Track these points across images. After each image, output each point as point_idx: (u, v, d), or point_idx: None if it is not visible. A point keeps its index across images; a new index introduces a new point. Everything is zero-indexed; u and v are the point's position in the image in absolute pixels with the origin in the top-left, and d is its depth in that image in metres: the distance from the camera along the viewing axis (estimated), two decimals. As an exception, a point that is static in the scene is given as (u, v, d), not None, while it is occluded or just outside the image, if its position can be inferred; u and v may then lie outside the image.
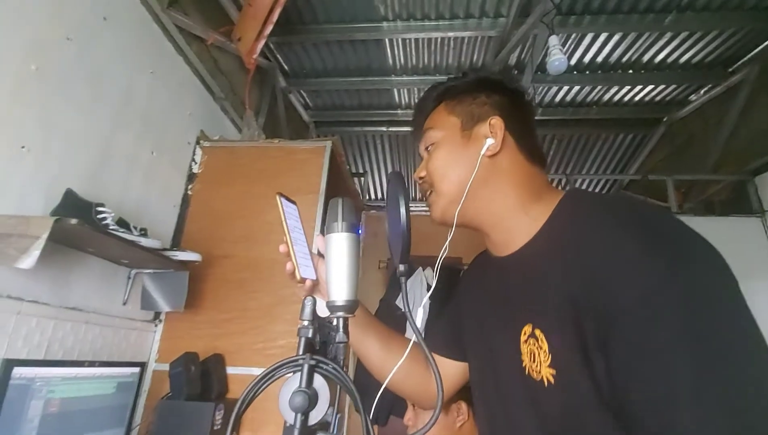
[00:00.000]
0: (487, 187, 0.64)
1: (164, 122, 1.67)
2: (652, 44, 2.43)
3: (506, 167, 0.64)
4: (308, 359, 0.53)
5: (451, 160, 0.65)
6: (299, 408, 0.49)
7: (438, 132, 0.68)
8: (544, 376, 0.53)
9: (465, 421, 1.06)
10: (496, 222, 0.65)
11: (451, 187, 0.64)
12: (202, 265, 1.60)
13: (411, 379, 0.79)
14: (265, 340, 1.54)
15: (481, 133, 0.64)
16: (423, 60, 2.72)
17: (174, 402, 1.26)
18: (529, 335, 0.56)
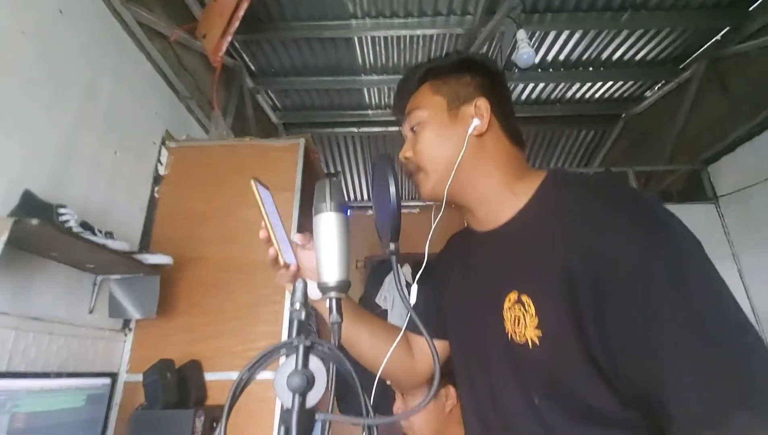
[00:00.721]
0: (474, 166, 0.65)
1: (128, 122, 1.59)
2: (610, 42, 2.55)
3: (491, 147, 0.66)
4: (303, 340, 0.51)
5: (439, 139, 0.66)
6: (297, 389, 0.47)
7: (424, 111, 0.68)
8: (529, 338, 0.54)
9: (454, 405, 1.07)
10: (482, 198, 0.66)
11: (439, 165, 0.65)
12: (174, 269, 1.53)
13: (397, 363, 0.79)
14: (245, 342, 1.49)
15: (468, 114, 0.66)
16: (392, 59, 2.73)
17: (150, 411, 1.20)
18: (514, 302, 0.57)
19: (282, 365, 0.52)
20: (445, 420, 1.06)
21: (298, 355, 0.51)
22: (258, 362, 0.53)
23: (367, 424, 0.51)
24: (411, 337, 0.81)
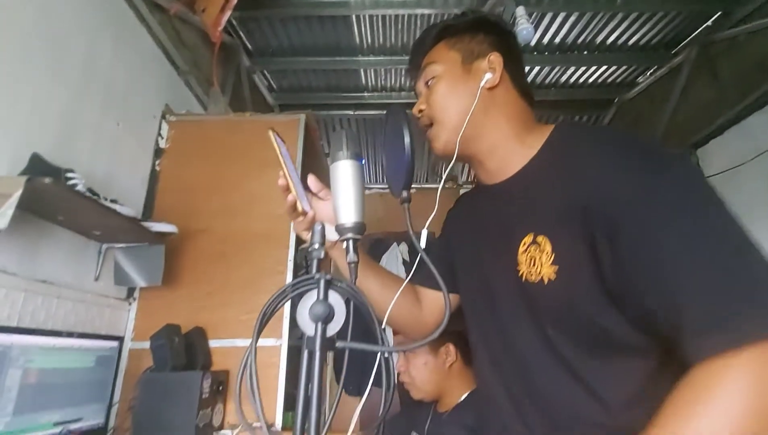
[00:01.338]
0: (486, 118, 0.68)
1: (128, 94, 1.59)
2: (605, 25, 2.58)
3: (502, 100, 0.69)
4: (324, 275, 0.55)
5: (453, 91, 0.69)
6: (320, 316, 0.51)
7: (439, 66, 0.71)
8: (544, 275, 0.58)
9: (453, 362, 1.12)
10: (493, 150, 0.69)
11: (453, 116, 0.68)
12: (178, 240, 1.55)
13: (406, 313, 0.83)
14: (249, 311, 1.52)
15: (481, 68, 0.69)
16: (390, 39, 2.73)
17: (159, 374, 1.23)
18: (529, 244, 0.61)
19: (304, 298, 0.56)
20: (445, 375, 1.11)
21: (320, 287, 0.55)
22: (282, 293, 0.56)
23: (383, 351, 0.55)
24: (419, 290, 0.85)
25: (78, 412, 1.06)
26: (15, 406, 0.88)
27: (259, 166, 1.73)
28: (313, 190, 0.75)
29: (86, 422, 1.07)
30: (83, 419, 1.06)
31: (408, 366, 1.12)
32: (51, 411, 0.98)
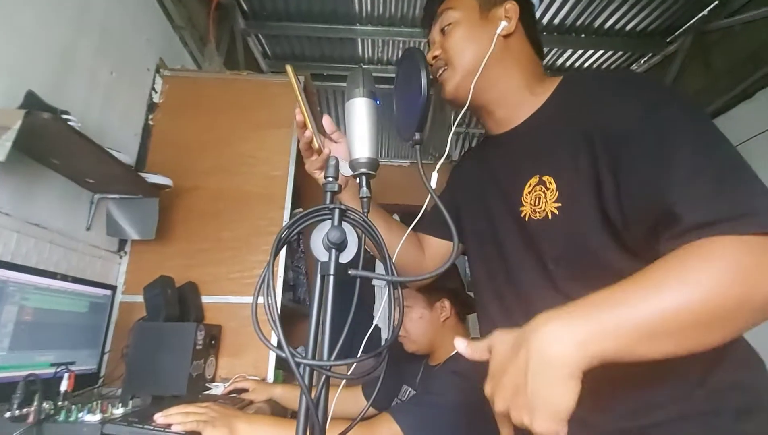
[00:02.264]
0: (499, 65, 0.70)
1: (123, 42, 1.54)
2: (604, 8, 2.59)
3: (516, 50, 0.71)
4: (339, 205, 0.56)
5: (469, 37, 0.70)
6: (336, 240, 0.52)
7: (457, 12, 0.72)
8: (548, 211, 0.61)
9: (448, 317, 1.15)
10: (502, 98, 0.71)
11: (468, 61, 0.70)
12: (170, 196, 1.54)
13: (409, 259, 0.85)
14: (242, 270, 1.53)
15: (497, 16, 0.70)
16: (390, 9, 2.69)
17: (153, 323, 1.23)
18: (535, 185, 0.63)
19: (318, 227, 0.57)
20: (439, 329, 1.14)
21: (335, 216, 0.56)
22: (298, 220, 0.58)
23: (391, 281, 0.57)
24: (423, 238, 0.87)
25: (72, 355, 1.06)
26: (11, 341, 0.88)
27: (255, 127, 1.71)
28: (327, 131, 0.76)
29: (79, 367, 1.07)
30: (76, 363, 1.06)
31: (403, 319, 1.15)
32: (46, 351, 0.98)
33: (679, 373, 0.53)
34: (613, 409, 0.57)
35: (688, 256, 0.44)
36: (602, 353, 0.42)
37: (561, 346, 0.42)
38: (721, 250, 0.43)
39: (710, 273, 0.42)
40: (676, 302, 0.42)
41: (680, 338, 0.43)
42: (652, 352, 0.43)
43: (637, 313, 0.42)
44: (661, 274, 0.44)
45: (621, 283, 0.45)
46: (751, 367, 0.57)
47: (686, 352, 0.43)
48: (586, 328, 0.42)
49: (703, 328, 0.42)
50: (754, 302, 0.42)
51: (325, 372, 0.48)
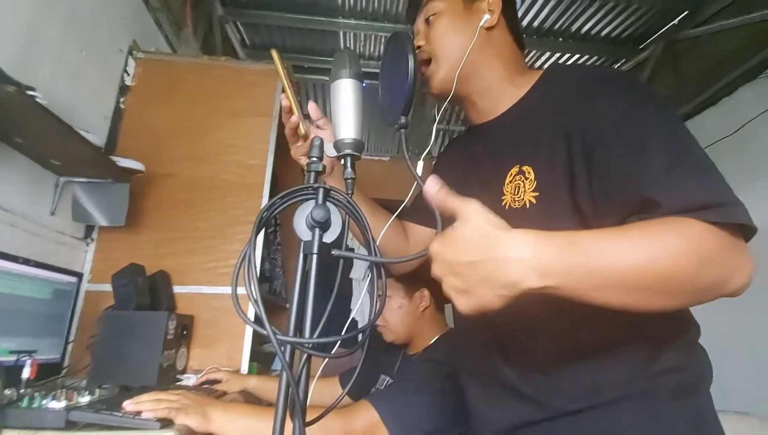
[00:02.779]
0: (481, 56, 0.71)
1: (94, 21, 1.47)
2: (582, 13, 2.66)
3: (498, 41, 0.72)
4: (323, 185, 0.55)
5: (453, 28, 0.71)
6: (321, 218, 0.52)
7: (441, 3, 0.73)
8: (526, 200, 0.62)
9: (427, 307, 1.16)
10: (485, 88, 0.72)
11: (451, 52, 0.70)
12: (142, 182, 1.49)
13: (393, 246, 0.85)
14: (217, 260, 1.49)
15: (480, 8, 0.72)
16: (373, 3, 2.68)
17: (122, 312, 1.18)
18: (515, 174, 0.65)
19: (301, 207, 0.56)
20: (418, 319, 1.15)
21: (319, 195, 0.55)
22: (280, 198, 0.56)
23: (374, 262, 0.56)
24: (407, 225, 0.87)
25: (34, 343, 1.00)
26: (-34, 326, 0.83)
27: (232, 115, 1.67)
28: (313, 118, 0.75)
29: (41, 356, 1.02)
30: (38, 352, 1.01)
31: (383, 313, 1.15)
32: (6, 338, 0.92)
33: (627, 358, 0.58)
34: (566, 392, 0.60)
35: (664, 227, 0.47)
36: (556, 289, 0.45)
37: (522, 267, 0.44)
38: (692, 231, 0.46)
39: (678, 246, 0.45)
40: (641, 263, 0.45)
41: (630, 294, 0.46)
42: (599, 299, 0.46)
43: (605, 263, 0.45)
44: (636, 235, 0.47)
45: (599, 232, 0.47)
46: (694, 354, 0.61)
47: (623, 307, 0.46)
48: (553, 262, 0.44)
49: (651, 291, 0.46)
50: (700, 283, 0.46)
51: (306, 350, 0.47)
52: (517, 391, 0.64)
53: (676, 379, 0.57)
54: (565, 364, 0.60)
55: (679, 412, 0.56)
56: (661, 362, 0.57)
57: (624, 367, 0.58)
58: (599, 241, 0.46)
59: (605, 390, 0.57)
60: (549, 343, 0.62)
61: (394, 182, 1.90)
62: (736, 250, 0.47)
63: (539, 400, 0.61)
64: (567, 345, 0.61)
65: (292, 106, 0.69)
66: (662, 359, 0.57)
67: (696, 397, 0.58)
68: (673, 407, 0.56)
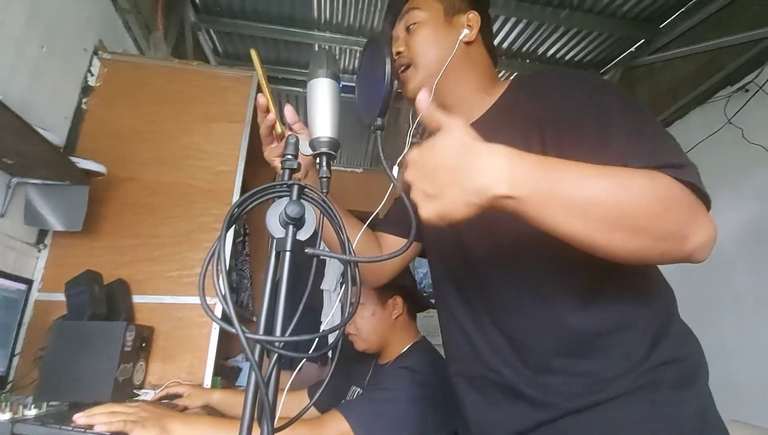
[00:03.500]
0: (459, 68, 0.73)
1: (58, 17, 1.42)
2: (547, 37, 2.79)
3: (475, 55, 0.75)
4: (297, 182, 0.54)
5: (433, 38, 0.73)
6: (295, 215, 0.50)
7: (422, 12, 0.75)
8: None
9: (400, 314, 1.15)
10: (461, 99, 0.75)
11: (430, 61, 0.72)
12: (102, 186, 1.42)
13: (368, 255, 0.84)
14: (181, 268, 1.43)
15: (460, 23, 0.74)
16: (349, 18, 2.72)
17: (75, 322, 1.11)
18: None
19: (275, 204, 0.55)
20: (390, 326, 1.14)
21: (294, 191, 0.54)
22: (252, 195, 0.55)
23: (349, 260, 0.55)
24: (381, 236, 0.87)
25: (-29, 355, 0.92)
26: None
27: (202, 120, 1.63)
28: (288, 121, 0.74)
29: (-19, 369, 0.94)
30: (-23, 365, 0.93)
31: (354, 317, 1.13)
32: (-61, 348, 0.84)
33: (625, 350, 0.58)
34: (567, 390, 0.59)
35: (633, 171, 0.50)
36: (522, 202, 0.46)
37: (493, 174, 0.45)
38: (659, 178, 0.49)
39: (646, 185, 0.48)
40: (608, 191, 0.47)
41: (593, 224, 0.47)
42: (563, 224, 0.47)
43: (574, 185, 0.47)
44: (607, 170, 0.49)
45: (574, 162, 0.49)
46: (689, 344, 0.62)
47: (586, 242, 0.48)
48: (524, 173, 0.46)
49: (615, 224, 0.47)
50: (663, 227, 0.48)
51: (276, 350, 0.45)
52: (517, 393, 0.63)
53: (677, 370, 0.57)
54: (565, 358, 0.59)
55: (682, 400, 0.56)
56: (659, 353, 0.58)
57: (623, 360, 0.58)
58: (571, 166, 0.48)
59: (609, 385, 0.57)
60: (545, 335, 0.61)
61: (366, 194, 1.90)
62: (698, 208, 0.49)
63: (542, 401, 0.60)
64: (564, 334, 0.60)
65: (269, 105, 0.68)
66: (660, 350, 0.58)
67: (696, 386, 0.59)
68: (676, 397, 0.56)
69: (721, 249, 0.53)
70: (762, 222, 1.99)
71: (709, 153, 2.23)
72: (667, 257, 0.49)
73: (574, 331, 0.60)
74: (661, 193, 0.48)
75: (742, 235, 2.05)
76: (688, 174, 0.50)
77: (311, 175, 0.77)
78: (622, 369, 0.57)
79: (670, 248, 0.48)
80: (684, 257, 0.49)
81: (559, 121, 0.60)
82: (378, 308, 1.14)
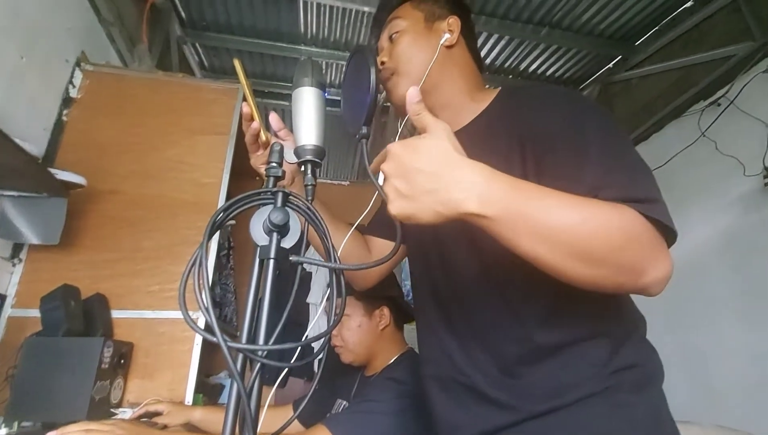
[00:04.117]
0: (443, 73, 0.74)
1: (38, 27, 1.40)
2: (528, 54, 2.87)
3: (458, 59, 0.76)
4: (282, 189, 0.54)
5: (415, 44, 0.74)
6: (279, 222, 0.50)
7: (404, 21, 0.76)
8: None
9: (387, 325, 1.14)
10: (446, 102, 0.75)
11: (414, 67, 0.73)
12: (82, 198, 1.39)
13: (354, 260, 0.84)
14: (162, 282, 1.39)
15: (441, 28, 0.76)
16: (335, 33, 2.75)
17: (49, 338, 1.07)
18: None
19: (259, 211, 0.54)
20: (377, 338, 1.12)
21: (278, 198, 0.54)
22: (236, 202, 0.54)
23: (334, 268, 0.55)
24: (369, 239, 0.87)
25: (-63, 375, 0.88)
26: None
27: (187, 132, 1.62)
28: (274, 129, 0.74)
29: (-54, 389, 0.89)
30: (-57, 385, 0.88)
31: (341, 329, 1.12)
32: None
33: (589, 357, 0.61)
34: (533, 393, 0.61)
35: (601, 203, 0.51)
36: (490, 221, 0.47)
37: (468, 190, 0.46)
38: (625, 212, 0.51)
39: (611, 218, 0.49)
40: (574, 222, 0.48)
41: (557, 250, 0.48)
42: (527, 247, 0.49)
43: (543, 212, 0.48)
44: (576, 199, 0.51)
45: (546, 188, 0.51)
46: (646, 352, 0.65)
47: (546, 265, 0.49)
48: (498, 195, 0.47)
49: (577, 252, 0.48)
50: (622, 259, 0.49)
51: (258, 359, 0.44)
52: (484, 395, 0.64)
53: (635, 374, 0.60)
54: (531, 366, 0.61)
55: (638, 403, 0.59)
56: (620, 359, 0.60)
57: (587, 366, 0.60)
58: (543, 194, 0.50)
59: (572, 390, 0.59)
60: (513, 344, 0.63)
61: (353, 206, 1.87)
62: (659, 245, 0.51)
63: (508, 404, 0.62)
64: (531, 345, 0.62)
65: (253, 114, 0.68)
66: (620, 356, 0.60)
67: (652, 390, 0.62)
68: (633, 399, 0.59)
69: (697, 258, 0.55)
70: (736, 230, 2.05)
71: (685, 165, 2.30)
72: (623, 288, 0.52)
73: (540, 345, 0.63)
74: (625, 227, 0.50)
75: (716, 244, 2.11)
76: (656, 210, 0.51)
77: (298, 182, 0.77)
78: (585, 375, 0.60)
79: (628, 280, 0.50)
80: (639, 290, 0.52)
81: (540, 141, 0.61)
82: (365, 320, 1.13)
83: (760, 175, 1.92)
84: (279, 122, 0.75)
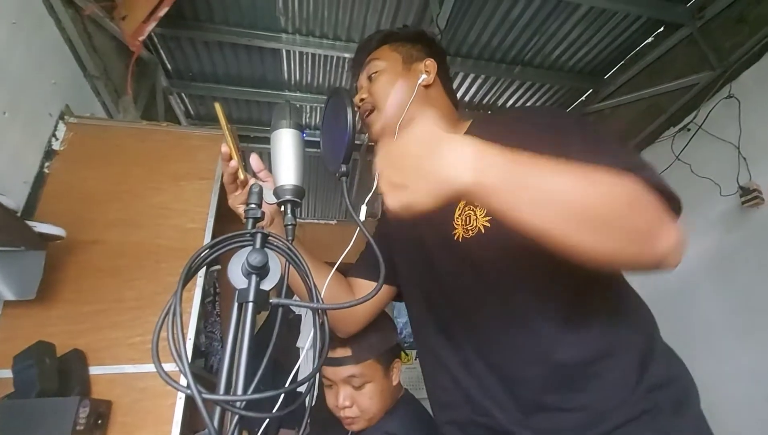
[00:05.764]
0: (419, 111, 0.76)
1: (23, 83, 1.42)
2: (504, 90, 2.99)
3: (434, 98, 0.79)
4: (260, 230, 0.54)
5: (393, 84, 0.78)
6: (258, 263, 0.49)
7: (383, 62, 0.80)
8: (480, 227, 0.64)
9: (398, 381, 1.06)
10: None
11: (392, 105, 0.76)
12: (61, 250, 1.36)
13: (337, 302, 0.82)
14: (144, 333, 1.34)
15: (418, 69, 0.80)
16: (318, 78, 2.84)
17: (20, 401, 1.00)
18: (463, 207, 0.67)
19: (237, 254, 0.53)
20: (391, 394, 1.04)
21: (257, 240, 0.53)
22: (214, 245, 0.53)
23: (317, 308, 0.54)
24: (353, 282, 0.86)
25: None
26: None
27: (172, 178, 1.62)
28: (254, 169, 0.75)
29: None
30: None
31: (356, 399, 1.00)
32: None
33: (617, 378, 0.56)
34: (567, 428, 0.57)
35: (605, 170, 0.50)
36: (488, 190, 0.45)
37: (460, 164, 0.45)
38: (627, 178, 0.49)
39: (613, 183, 0.48)
40: (575, 185, 0.47)
41: (559, 218, 0.46)
42: (528, 217, 0.46)
43: (541, 176, 0.46)
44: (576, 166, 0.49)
45: (543, 158, 0.49)
46: (676, 365, 0.63)
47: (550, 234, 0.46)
48: (491, 162, 0.45)
49: (581, 219, 0.46)
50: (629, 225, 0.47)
51: (236, 410, 0.42)
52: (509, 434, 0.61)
53: (670, 393, 0.57)
54: (556, 395, 0.58)
55: (682, 424, 0.56)
56: (650, 376, 0.57)
57: (617, 388, 0.57)
58: (539, 160, 0.48)
59: (605, 417, 0.56)
60: (534, 366, 0.60)
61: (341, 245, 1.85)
62: (666, 212, 0.50)
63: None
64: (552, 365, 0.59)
65: (232, 153, 0.69)
66: (650, 372, 0.57)
67: (691, 409, 0.59)
68: (675, 424, 0.56)
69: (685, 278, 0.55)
70: (721, 249, 2.08)
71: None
72: (640, 261, 0.49)
73: (562, 364, 0.60)
74: (629, 191, 0.48)
75: (702, 263, 2.13)
76: (656, 178, 0.51)
77: (278, 223, 0.77)
78: (618, 398, 0.56)
79: (642, 250, 0.48)
80: (657, 262, 0.49)
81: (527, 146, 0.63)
82: (385, 381, 1.01)
83: (736, 194, 1.98)
84: (259, 163, 0.76)
